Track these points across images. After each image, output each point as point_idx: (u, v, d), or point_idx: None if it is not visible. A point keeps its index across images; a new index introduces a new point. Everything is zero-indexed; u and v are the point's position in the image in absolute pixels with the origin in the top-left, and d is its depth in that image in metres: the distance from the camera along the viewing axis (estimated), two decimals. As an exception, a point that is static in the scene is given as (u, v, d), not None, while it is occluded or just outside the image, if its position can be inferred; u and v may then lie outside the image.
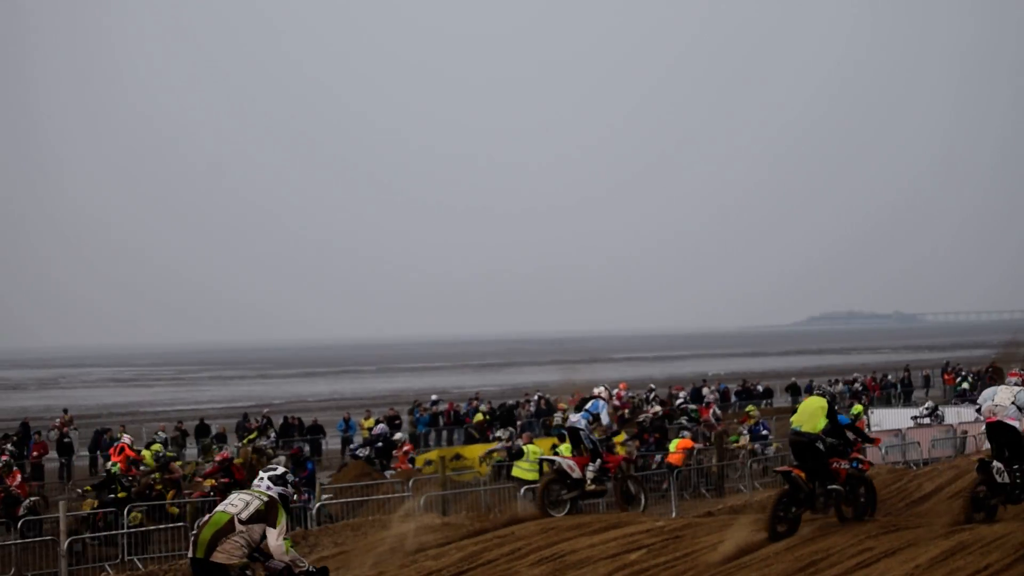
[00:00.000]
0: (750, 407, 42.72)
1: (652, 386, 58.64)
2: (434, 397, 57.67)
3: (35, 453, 43.50)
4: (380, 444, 41.62)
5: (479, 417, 51.36)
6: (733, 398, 62.44)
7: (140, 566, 24.47)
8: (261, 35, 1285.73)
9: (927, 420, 43.32)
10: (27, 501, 29.81)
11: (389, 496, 30.85)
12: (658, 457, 35.93)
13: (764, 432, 39.43)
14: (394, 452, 39.26)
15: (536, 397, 57.49)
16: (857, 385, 63.97)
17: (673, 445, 36.04)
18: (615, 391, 55.45)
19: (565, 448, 30.38)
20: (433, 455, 39.41)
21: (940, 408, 45.86)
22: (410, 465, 38.26)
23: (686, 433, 38.04)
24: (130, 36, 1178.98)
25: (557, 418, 48.75)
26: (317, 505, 27.90)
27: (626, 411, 47.74)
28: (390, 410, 54.80)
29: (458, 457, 40.20)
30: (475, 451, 41.17)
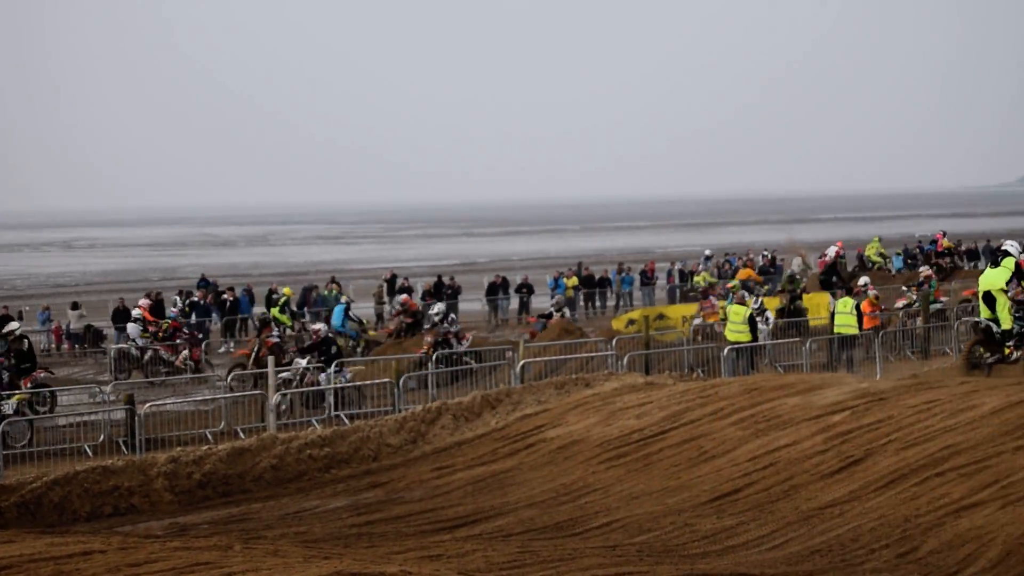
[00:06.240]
0: None
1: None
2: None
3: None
4: None
5: (702, 278, 50.49)
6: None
7: (347, 421, 25.24)
8: None
9: None
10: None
11: (592, 355, 31.23)
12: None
13: None
14: None
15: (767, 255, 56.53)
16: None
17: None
18: (833, 249, 54.15)
19: None
20: (636, 314, 39.58)
21: None
22: None
23: (872, 293, 36.32)
24: None
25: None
26: (521, 363, 28.23)
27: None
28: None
29: (661, 317, 40.30)
30: (679, 311, 41.24)
